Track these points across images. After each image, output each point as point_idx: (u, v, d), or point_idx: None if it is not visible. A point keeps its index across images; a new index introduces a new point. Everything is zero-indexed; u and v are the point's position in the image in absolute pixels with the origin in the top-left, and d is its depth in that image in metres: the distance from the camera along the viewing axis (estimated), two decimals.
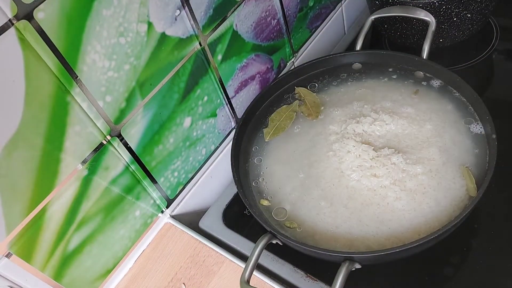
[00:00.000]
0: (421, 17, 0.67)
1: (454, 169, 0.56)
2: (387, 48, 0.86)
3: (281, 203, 0.60)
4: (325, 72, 0.72)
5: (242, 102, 0.71)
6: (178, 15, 0.54)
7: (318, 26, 0.85)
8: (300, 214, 0.58)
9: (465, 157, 0.57)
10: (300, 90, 0.70)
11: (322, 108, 0.68)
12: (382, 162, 0.58)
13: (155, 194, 0.62)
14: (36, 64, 0.42)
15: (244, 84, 0.70)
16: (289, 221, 0.57)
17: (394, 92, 0.67)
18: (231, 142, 0.65)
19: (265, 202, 0.60)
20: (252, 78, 0.71)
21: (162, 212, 0.65)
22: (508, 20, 0.83)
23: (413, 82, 0.67)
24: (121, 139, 0.54)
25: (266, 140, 0.66)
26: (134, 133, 0.55)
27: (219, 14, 0.60)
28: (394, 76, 0.69)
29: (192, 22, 0.56)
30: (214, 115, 0.67)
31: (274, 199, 0.60)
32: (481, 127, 0.58)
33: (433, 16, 0.67)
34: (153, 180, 0.61)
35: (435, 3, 0.70)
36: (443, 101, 0.63)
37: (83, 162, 0.51)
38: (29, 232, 0.48)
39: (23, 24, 0.40)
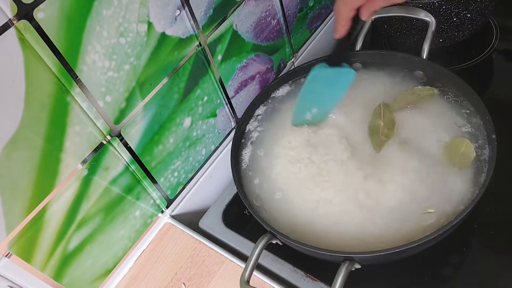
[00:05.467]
0: (421, 17, 0.67)
1: (453, 169, 0.56)
2: (387, 48, 0.86)
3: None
4: None
5: (242, 102, 0.71)
6: (178, 15, 0.54)
7: (318, 26, 0.85)
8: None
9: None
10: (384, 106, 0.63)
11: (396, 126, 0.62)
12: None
13: (155, 194, 0.62)
14: (36, 64, 0.42)
15: (244, 84, 0.70)
16: None
17: (393, 92, 0.67)
18: (231, 142, 0.65)
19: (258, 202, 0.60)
20: (252, 78, 0.71)
21: (162, 212, 0.65)
22: (508, 20, 0.83)
23: (412, 82, 0.67)
24: (121, 139, 0.54)
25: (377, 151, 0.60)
26: (134, 133, 0.55)
27: (219, 14, 0.60)
28: (394, 76, 0.69)
29: (192, 22, 0.56)
30: (214, 115, 0.67)
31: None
32: (481, 127, 0.58)
33: (433, 16, 0.66)
34: (153, 180, 0.61)
35: (435, 3, 0.70)
36: (442, 101, 0.63)
37: (83, 162, 0.51)
38: (29, 232, 0.48)
39: (23, 24, 0.40)
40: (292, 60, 0.80)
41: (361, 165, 0.59)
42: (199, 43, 0.59)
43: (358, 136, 0.62)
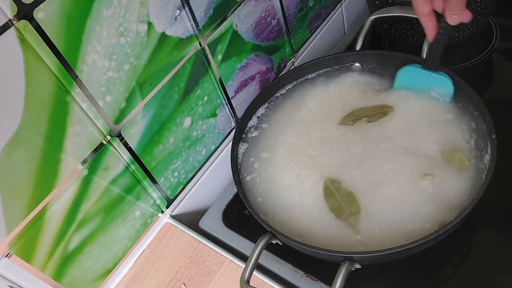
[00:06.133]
0: None
1: (453, 169, 0.56)
2: (387, 48, 0.86)
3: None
4: (325, 72, 0.72)
5: (242, 102, 0.71)
6: (178, 15, 0.54)
7: (318, 26, 0.85)
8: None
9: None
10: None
11: None
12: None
13: (155, 194, 0.62)
14: (36, 64, 0.42)
15: (244, 84, 0.70)
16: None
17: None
18: (231, 142, 0.65)
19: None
20: (252, 78, 0.71)
21: (162, 212, 0.65)
22: (508, 20, 0.83)
23: None
24: (121, 139, 0.54)
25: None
26: (134, 133, 0.55)
27: (219, 14, 0.60)
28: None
29: (192, 22, 0.56)
30: (214, 115, 0.67)
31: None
32: (481, 127, 0.58)
33: None
34: (153, 180, 0.61)
35: None
36: (442, 101, 0.63)
37: (83, 162, 0.51)
38: (29, 232, 0.48)
39: (23, 24, 0.40)
40: (292, 60, 0.80)
41: (361, 166, 0.59)
42: (199, 43, 0.59)
43: (355, 140, 0.62)
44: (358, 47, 0.71)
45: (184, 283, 0.60)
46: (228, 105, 0.69)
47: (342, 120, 0.65)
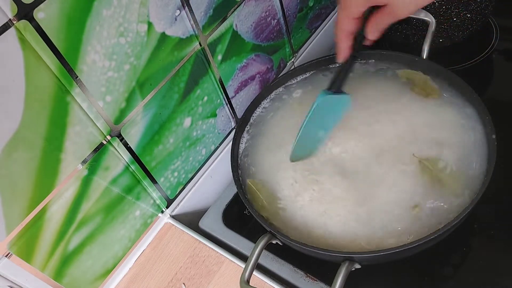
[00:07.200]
0: (421, 17, 0.67)
1: (453, 170, 0.56)
2: (387, 48, 0.86)
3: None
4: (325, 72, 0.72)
5: (242, 102, 0.71)
6: (178, 15, 0.54)
7: (318, 26, 0.85)
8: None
9: (464, 157, 0.57)
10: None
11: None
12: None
13: (155, 194, 0.62)
14: (36, 64, 0.42)
15: (244, 84, 0.70)
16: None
17: (393, 92, 0.67)
18: (231, 142, 0.65)
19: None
20: (252, 78, 0.71)
21: (162, 212, 0.65)
22: (508, 20, 0.83)
23: (413, 82, 0.67)
24: (121, 139, 0.54)
25: None
26: (134, 133, 0.55)
27: (219, 14, 0.60)
28: (394, 76, 0.68)
29: (192, 22, 0.56)
30: (214, 115, 0.67)
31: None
32: (481, 127, 0.58)
33: (433, 16, 0.66)
34: (153, 180, 0.61)
35: (435, 3, 0.70)
36: (442, 101, 0.63)
37: (83, 162, 0.51)
38: (29, 232, 0.48)
39: (23, 24, 0.40)
40: (292, 60, 0.80)
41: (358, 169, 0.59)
42: (199, 43, 0.59)
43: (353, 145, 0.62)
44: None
45: (184, 283, 0.60)
46: (228, 105, 0.69)
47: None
